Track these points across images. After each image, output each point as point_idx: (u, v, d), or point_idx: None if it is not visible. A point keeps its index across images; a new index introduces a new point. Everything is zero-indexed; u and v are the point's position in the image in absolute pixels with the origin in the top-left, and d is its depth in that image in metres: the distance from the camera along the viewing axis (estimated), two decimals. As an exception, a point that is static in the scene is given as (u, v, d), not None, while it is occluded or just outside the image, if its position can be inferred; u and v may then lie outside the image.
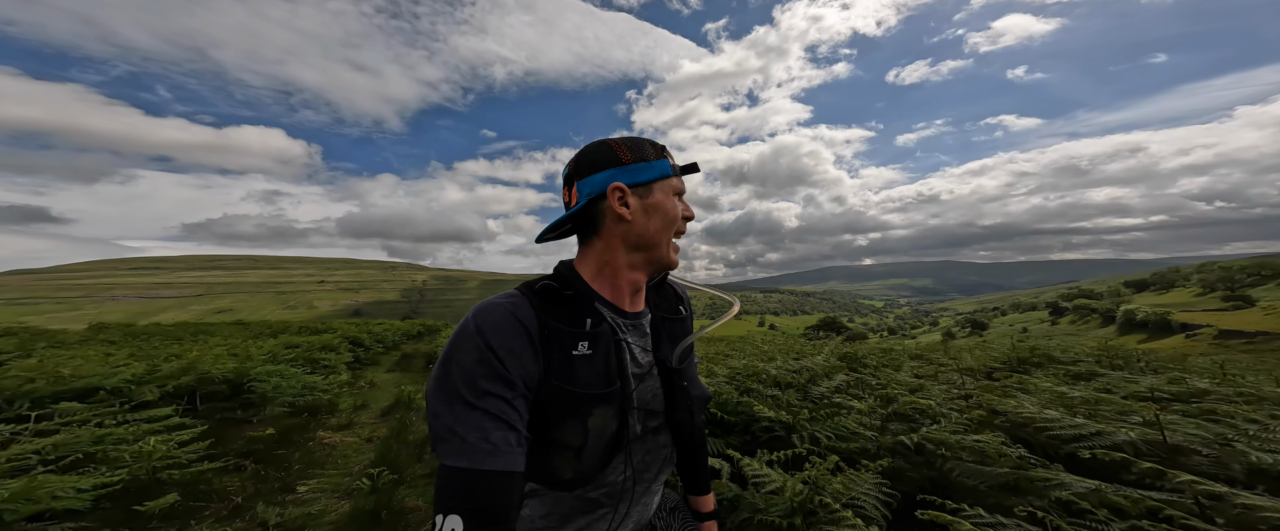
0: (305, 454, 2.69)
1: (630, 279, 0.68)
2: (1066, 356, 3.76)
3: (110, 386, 2.61)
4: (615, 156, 0.65)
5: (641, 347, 0.68)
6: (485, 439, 0.51)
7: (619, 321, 0.67)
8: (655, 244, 0.66)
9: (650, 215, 0.65)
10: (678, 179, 0.68)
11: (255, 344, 5.29)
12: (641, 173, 0.65)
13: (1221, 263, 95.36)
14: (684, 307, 0.79)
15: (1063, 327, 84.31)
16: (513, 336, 0.57)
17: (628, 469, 0.65)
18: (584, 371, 0.60)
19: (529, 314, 0.60)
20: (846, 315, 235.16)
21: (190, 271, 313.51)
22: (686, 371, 0.73)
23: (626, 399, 0.63)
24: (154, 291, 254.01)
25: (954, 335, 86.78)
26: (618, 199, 0.64)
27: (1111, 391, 2.12)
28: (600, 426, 0.60)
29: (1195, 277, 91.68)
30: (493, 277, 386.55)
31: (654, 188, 0.65)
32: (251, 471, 2.39)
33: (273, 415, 2.98)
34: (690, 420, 0.72)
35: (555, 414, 0.58)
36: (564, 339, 0.60)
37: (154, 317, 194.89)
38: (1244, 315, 59.62)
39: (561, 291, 0.64)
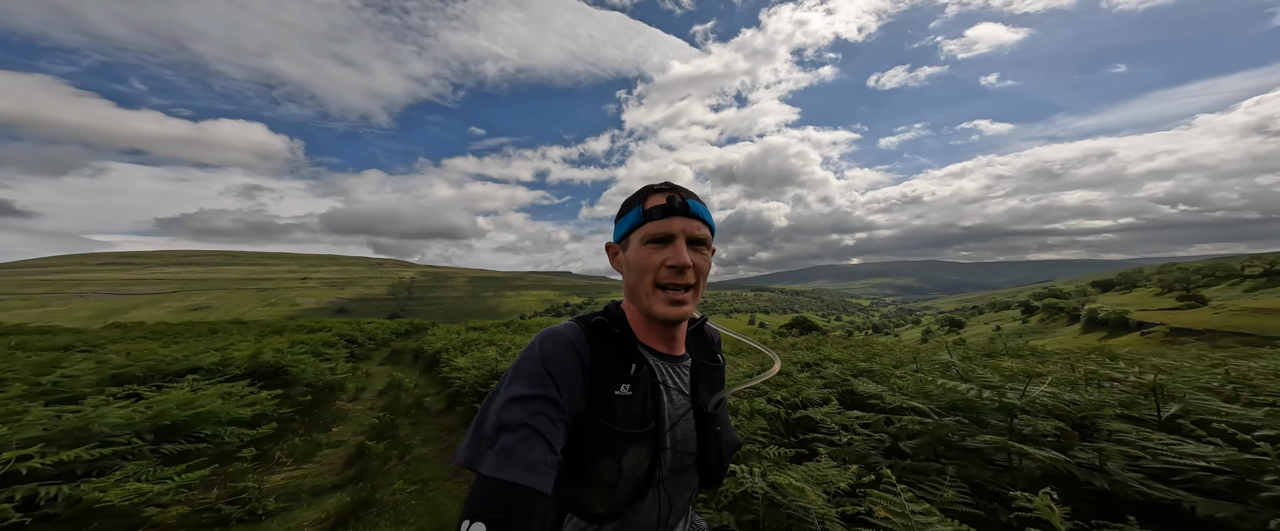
0: (332, 413, 3.92)
1: (652, 328, 0.70)
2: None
3: (205, 366, 3.71)
4: (615, 218, 0.71)
5: (679, 391, 0.71)
6: (525, 455, 0.53)
7: (660, 365, 0.70)
8: (635, 295, 0.68)
9: (629, 269, 0.68)
10: (653, 224, 0.65)
11: (268, 340, 6.32)
12: (620, 228, 0.69)
13: (1180, 264, 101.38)
14: (720, 356, 0.81)
15: (1032, 326, 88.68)
16: (569, 366, 0.62)
17: (666, 510, 0.68)
18: (623, 411, 0.63)
19: (584, 347, 0.64)
20: (835, 313, 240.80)
21: (164, 267, 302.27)
22: (720, 417, 0.75)
23: (660, 439, 0.66)
24: (125, 287, 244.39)
25: (933, 332, 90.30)
26: (612, 257, 0.72)
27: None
28: (633, 465, 0.63)
29: (1156, 278, 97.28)
30: (482, 275, 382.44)
31: (630, 239, 0.68)
32: (301, 421, 3.57)
33: (301, 391, 4.10)
34: (719, 463, 0.73)
35: (591, 448, 0.62)
36: (609, 378, 0.64)
37: (126, 315, 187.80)
38: (1195, 314, 63.88)
39: (611, 329, 0.68)
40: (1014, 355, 3.80)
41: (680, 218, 0.65)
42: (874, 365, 2.94)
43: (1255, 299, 66.82)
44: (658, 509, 0.67)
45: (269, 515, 1.95)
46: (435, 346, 7.06)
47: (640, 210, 0.66)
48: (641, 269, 0.65)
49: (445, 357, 5.47)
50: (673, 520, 0.70)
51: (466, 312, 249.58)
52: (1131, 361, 2.82)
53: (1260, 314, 54.30)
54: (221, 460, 2.33)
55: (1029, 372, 2.11)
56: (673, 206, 0.65)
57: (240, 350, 4.38)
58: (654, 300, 0.66)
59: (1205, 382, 1.90)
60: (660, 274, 0.65)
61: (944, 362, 2.83)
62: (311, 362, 4.62)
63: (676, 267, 0.64)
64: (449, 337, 8.18)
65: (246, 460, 2.33)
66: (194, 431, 2.39)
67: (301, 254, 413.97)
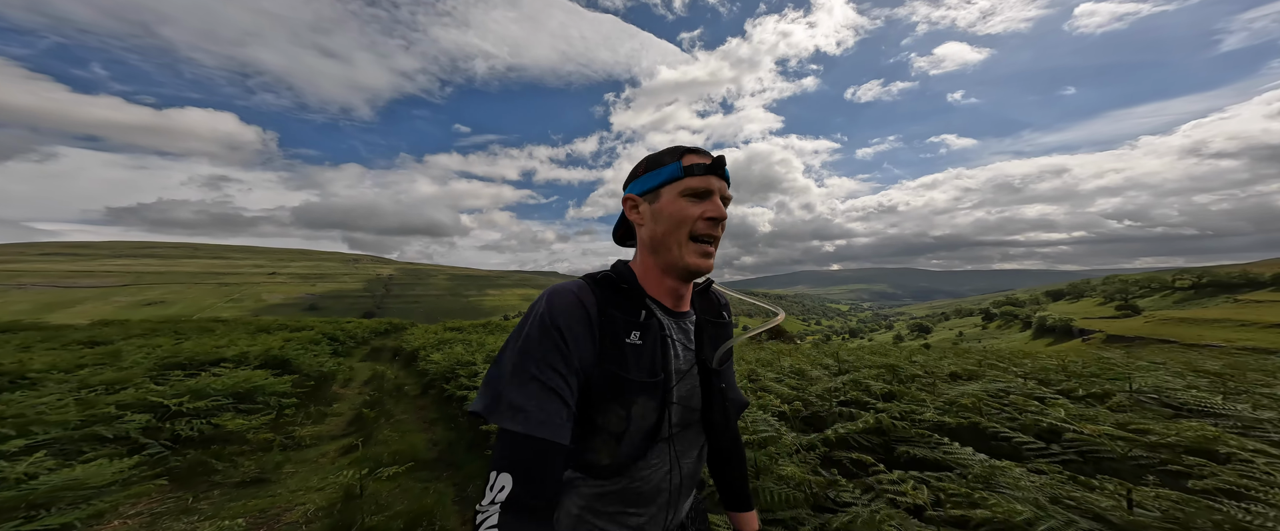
0: (330, 395, 4.92)
1: (663, 282, 0.72)
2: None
3: (230, 357, 4.62)
4: (636, 171, 0.72)
5: (685, 346, 0.73)
6: (541, 408, 0.56)
7: (666, 319, 0.72)
8: (665, 246, 0.69)
9: (657, 219, 0.69)
10: (695, 178, 0.67)
11: (261, 338, 7.06)
12: (650, 180, 0.69)
13: (1122, 276, 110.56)
14: (726, 314, 0.84)
15: (991, 332, 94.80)
16: (576, 319, 0.63)
17: (672, 465, 0.70)
18: (633, 359, 0.65)
19: (592, 300, 0.66)
20: (815, 317, 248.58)
21: (115, 259, 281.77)
22: (725, 374, 0.77)
23: (667, 392, 0.67)
24: (70, 280, 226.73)
25: (903, 337, 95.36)
26: (630, 207, 0.73)
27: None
28: (641, 415, 0.65)
29: (1100, 289, 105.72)
30: (464, 272, 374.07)
31: (661, 192, 0.68)
32: (309, 399, 4.53)
33: (304, 378, 4.99)
34: (724, 421, 0.75)
35: (601, 398, 0.63)
36: (619, 326, 0.66)
37: (70, 309, 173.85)
38: (1130, 322, 70.18)
39: (619, 284, 0.70)
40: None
41: (717, 177, 0.69)
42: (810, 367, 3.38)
43: (1182, 309, 73.97)
44: (666, 466, 0.69)
45: (307, 446, 3.24)
46: (414, 345, 7.90)
47: (680, 166, 0.67)
48: (678, 219, 0.67)
49: (423, 354, 6.37)
50: (680, 480, 0.72)
51: (447, 311, 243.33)
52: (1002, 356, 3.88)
53: (1184, 323, 60.19)
54: (273, 416, 3.59)
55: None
56: (715, 167, 0.68)
57: (250, 346, 5.23)
58: (687, 251, 0.68)
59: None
60: (698, 225, 0.67)
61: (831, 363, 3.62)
62: (310, 356, 5.48)
63: (713, 219, 0.67)
64: (427, 337, 9.01)
65: (287, 417, 3.43)
66: (255, 397, 3.41)
67: (270, 248, 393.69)
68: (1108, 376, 2.54)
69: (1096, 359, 3.32)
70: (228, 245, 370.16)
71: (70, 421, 2.43)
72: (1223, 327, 54.96)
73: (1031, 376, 2.74)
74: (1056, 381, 2.57)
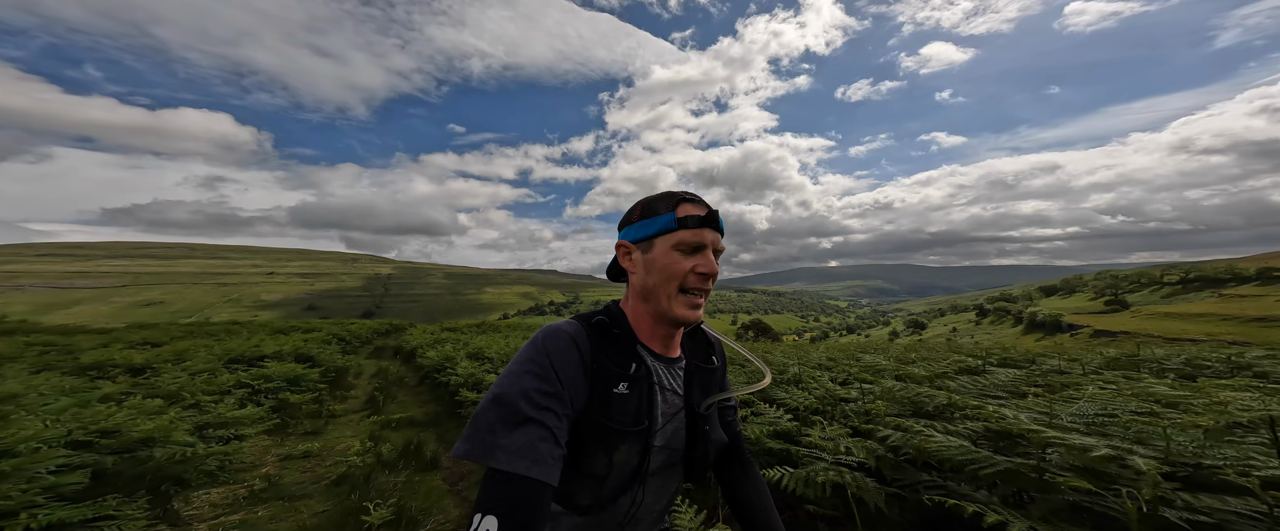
0: (348, 383, 5.96)
1: (655, 328, 0.72)
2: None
3: (269, 353, 5.73)
4: (630, 216, 0.73)
5: (674, 391, 0.74)
6: (533, 449, 0.55)
7: (656, 366, 0.72)
8: (655, 297, 0.69)
9: (649, 270, 0.69)
10: (688, 232, 0.67)
11: (278, 337, 8.33)
12: (643, 229, 0.70)
13: (1113, 271, 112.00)
14: (716, 358, 0.84)
15: (984, 328, 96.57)
16: (572, 363, 0.64)
17: (651, 502, 0.72)
18: (619, 409, 0.66)
19: (586, 345, 0.66)
20: (814, 314, 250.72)
21: (112, 259, 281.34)
22: (710, 417, 0.78)
23: (649, 438, 0.68)
24: (67, 280, 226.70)
25: (898, 334, 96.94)
26: (623, 254, 0.73)
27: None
28: (623, 461, 0.66)
29: (1092, 285, 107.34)
30: (462, 271, 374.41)
31: (655, 242, 0.69)
32: (332, 386, 5.63)
33: (325, 370, 6.27)
34: (705, 460, 0.76)
35: (587, 444, 0.64)
36: (609, 376, 0.66)
37: (68, 310, 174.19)
38: (1117, 317, 71.70)
39: (611, 329, 0.70)
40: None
41: (711, 230, 0.69)
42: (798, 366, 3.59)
43: (1170, 304, 75.52)
44: (643, 502, 0.71)
45: (339, 415, 4.35)
46: (412, 344, 9.12)
47: (674, 217, 0.67)
48: (670, 273, 0.67)
49: (420, 352, 7.62)
50: (657, 514, 0.75)
51: (446, 309, 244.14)
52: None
53: (1170, 318, 61.45)
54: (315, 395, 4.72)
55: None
56: (709, 220, 0.69)
57: (278, 346, 6.51)
58: (676, 303, 0.68)
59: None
60: (688, 279, 0.68)
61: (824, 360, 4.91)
62: (327, 353, 6.73)
63: (704, 274, 0.68)
64: (424, 337, 10.23)
65: (320, 397, 4.66)
66: (300, 383, 4.70)
67: (268, 247, 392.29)
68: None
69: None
70: (225, 245, 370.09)
71: (224, 384, 3.93)
72: (1206, 321, 56.30)
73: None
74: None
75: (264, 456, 3.03)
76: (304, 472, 2.79)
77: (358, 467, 2.63)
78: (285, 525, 2.12)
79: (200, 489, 2.38)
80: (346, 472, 2.66)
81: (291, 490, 2.52)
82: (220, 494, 2.39)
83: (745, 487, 0.81)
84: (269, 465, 2.87)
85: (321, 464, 2.94)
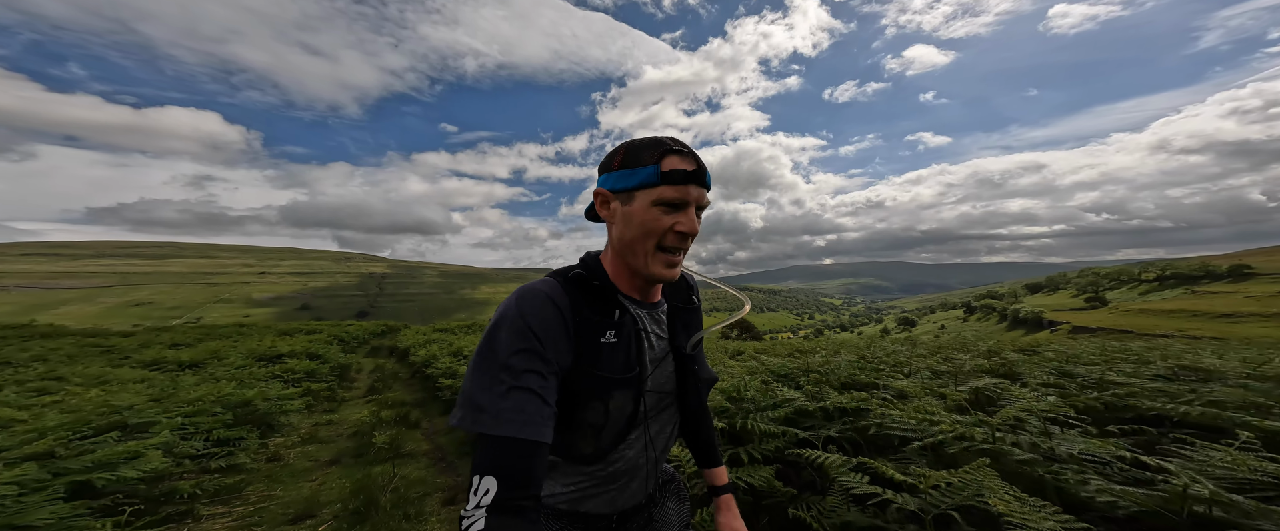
0: (350, 377, 7.30)
1: (633, 278, 0.72)
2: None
3: (283, 351, 7.01)
4: (610, 161, 0.68)
5: (658, 335, 0.75)
6: (521, 411, 0.56)
7: (640, 312, 0.73)
8: (632, 252, 0.67)
9: (627, 223, 0.66)
10: (671, 188, 0.64)
11: (285, 339, 9.55)
12: (625, 179, 0.66)
13: (1095, 269, 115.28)
14: (696, 297, 0.85)
15: (970, 324, 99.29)
16: (550, 321, 0.62)
17: (647, 445, 0.73)
18: (609, 357, 0.66)
19: (564, 301, 0.65)
20: (809, 312, 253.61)
21: (99, 259, 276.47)
22: (697, 356, 0.80)
23: (641, 383, 0.70)
24: (53, 280, 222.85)
25: (889, 330, 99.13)
26: (600, 203, 0.70)
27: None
28: (619, 407, 0.67)
29: (1074, 282, 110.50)
30: (457, 270, 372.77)
31: (635, 195, 0.65)
32: (339, 378, 6.93)
33: (331, 366, 7.54)
34: (698, 400, 0.79)
35: (581, 395, 0.65)
36: (594, 327, 0.66)
37: (54, 310, 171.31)
38: (1095, 314, 74.34)
39: (590, 281, 0.69)
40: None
41: (696, 186, 0.65)
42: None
43: (1146, 301, 78.42)
44: (643, 446, 0.73)
45: (347, 400, 5.56)
46: (405, 344, 10.35)
47: (657, 170, 0.63)
48: (648, 230, 0.65)
49: (412, 351, 8.87)
50: (655, 456, 0.76)
51: (441, 307, 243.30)
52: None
53: (1145, 314, 64.01)
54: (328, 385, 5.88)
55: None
56: (695, 176, 0.65)
57: (289, 347, 7.78)
58: (653, 261, 0.67)
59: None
60: (667, 238, 0.66)
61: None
62: (332, 351, 7.97)
63: (684, 234, 0.66)
64: (417, 337, 11.48)
65: (334, 385, 5.99)
66: (315, 375, 6.00)
67: (259, 247, 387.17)
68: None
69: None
70: (215, 244, 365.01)
71: (261, 375, 5.06)
72: (1178, 317, 58.87)
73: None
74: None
75: (302, 423, 4.36)
76: (330, 428, 4.21)
77: (366, 424, 4.01)
78: (329, 448, 3.58)
79: (273, 435, 3.82)
80: (358, 429, 4.02)
81: (325, 437, 3.94)
82: (284, 439, 3.79)
83: (698, 413, 0.84)
84: (306, 428, 4.20)
85: (341, 427, 4.29)
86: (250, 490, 2.72)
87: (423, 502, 2.53)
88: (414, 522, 2.26)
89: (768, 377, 2.97)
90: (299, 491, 2.74)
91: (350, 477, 2.82)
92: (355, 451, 3.48)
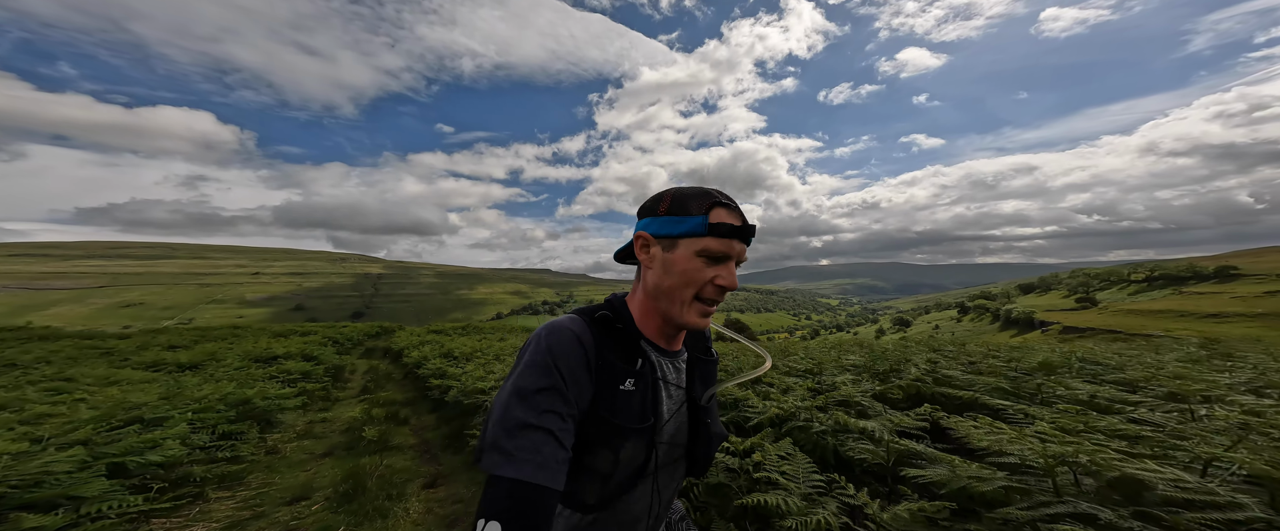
0: (345, 378, 7.54)
1: (662, 326, 0.71)
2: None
3: (280, 354, 7.26)
4: (656, 205, 0.68)
5: (676, 386, 0.73)
6: (537, 453, 0.54)
7: (660, 360, 0.71)
8: (669, 299, 0.66)
9: (667, 270, 0.66)
10: (717, 241, 0.63)
11: (280, 340, 9.79)
12: (670, 226, 0.65)
13: (1086, 269, 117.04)
14: (713, 351, 0.83)
15: (964, 325, 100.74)
16: (576, 362, 0.61)
17: (654, 497, 0.71)
18: (625, 406, 0.64)
19: (590, 342, 0.64)
20: (805, 312, 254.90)
21: (89, 260, 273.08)
22: (711, 409, 0.78)
23: (654, 434, 0.68)
24: (42, 281, 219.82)
25: (884, 331, 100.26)
26: (640, 246, 0.69)
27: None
28: (630, 457, 0.65)
29: (1066, 282, 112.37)
30: (454, 270, 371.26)
31: (679, 243, 0.65)
32: (334, 378, 7.22)
33: (326, 366, 7.80)
34: (707, 454, 0.76)
35: (592, 441, 0.62)
36: (615, 373, 0.64)
37: (44, 311, 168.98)
38: (1085, 314, 75.68)
39: (614, 324, 0.68)
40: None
41: (740, 241, 0.65)
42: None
43: (1135, 301, 79.85)
44: (648, 499, 0.70)
45: (341, 399, 5.81)
46: (399, 346, 10.62)
47: (704, 221, 0.63)
48: (688, 279, 0.65)
49: (405, 352, 9.14)
50: (660, 510, 0.74)
51: (437, 308, 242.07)
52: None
53: (1133, 314, 65.09)
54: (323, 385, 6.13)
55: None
56: (741, 231, 0.65)
57: (284, 348, 8.04)
58: (688, 310, 0.66)
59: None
60: (706, 289, 0.65)
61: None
62: (327, 353, 8.23)
63: (723, 287, 0.65)
64: (410, 339, 11.74)
65: (329, 385, 6.27)
66: (310, 376, 6.28)
67: (253, 247, 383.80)
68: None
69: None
70: (207, 245, 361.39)
71: (259, 376, 5.33)
72: (1164, 318, 59.94)
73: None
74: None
75: (298, 421, 4.65)
76: (324, 425, 4.49)
77: (357, 421, 4.31)
78: (322, 443, 3.87)
79: (272, 431, 4.11)
80: (350, 425, 4.31)
81: (319, 433, 4.22)
82: (281, 434, 4.08)
83: (704, 468, 0.81)
84: (301, 425, 4.49)
85: (334, 424, 4.58)
86: (251, 477, 3.05)
87: (405, 486, 2.85)
88: (396, 501, 2.61)
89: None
90: (295, 479, 3.06)
91: (341, 467, 3.13)
92: (347, 445, 3.77)
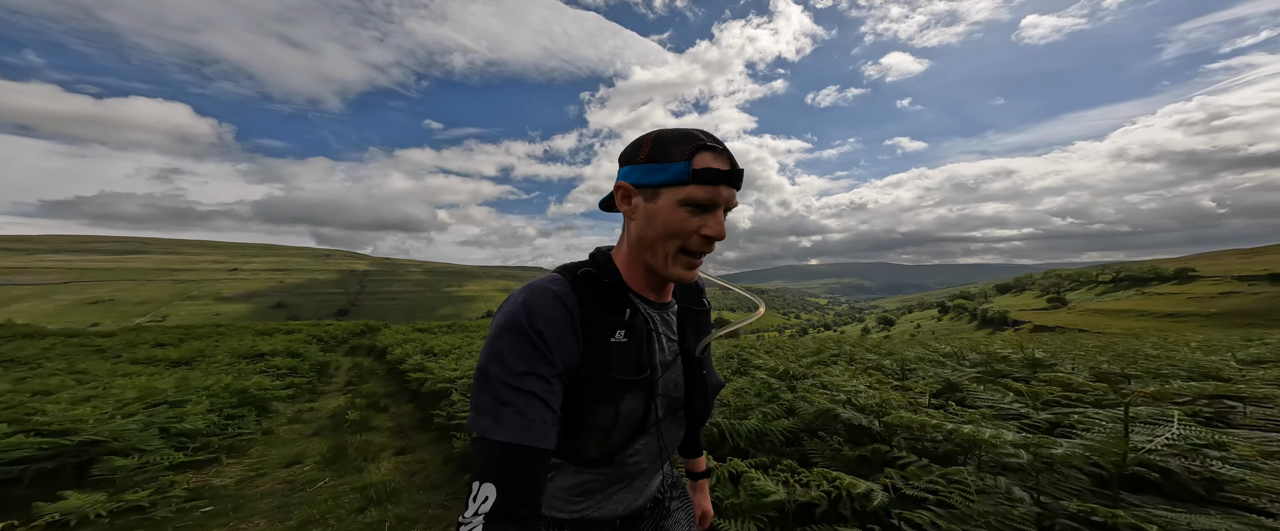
0: (330, 374, 8.08)
1: (648, 276, 0.68)
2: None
3: (264, 351, 7.70)
4: (635, 151, 0.63)
5: (669, 337, 0.71)
6: (523, 416, 0.53)
7: (650, 312, 0.69)
8: (652, 251, 0.64)
9: (650, 221, 0.62)
10: (702, 188, 0.59)
11: (266, 338, 10.19)
12: (651, 174, 0.61)
13: (1058, 270, 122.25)
14: (705, 300, 0.82)
15: (944, 324, 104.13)
16: (558, 321, 0.59)
17: (660, 449, 0.71)
18: (619, 358, 0.63)
19: (572, 300, 0.61)
20: (795, 311, 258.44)
21: (54, 254, 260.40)
22: (705, 360, 0.77)
23: (653, 386, 0.66)
24: (4, 276, 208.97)
25: (870, 330, 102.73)
26: (621, 197, 0.65)
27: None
28: (630, 410, 0.63)
29: (1040, 283, 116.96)
30: (443, 267, 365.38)
31: (661, 192, 0.61)
32: (319, 374, 7.72)
33: (312, 362, 8.27)
34: (705, 405, 0.75)
35: (589, 397, 0.61)
36: (604, 327, 0.62)
37: (6, 308, 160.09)
38: (1056, 313, 79.33)
39: (600, 279, 0.66)
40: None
41: (728, 187, 0.61)
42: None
43: (1101, 301, 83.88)
44: (654, 452, 0.71)
45: (326, 392, 6.41)
46: (383, 343, 11.06)
47: (688, 168, 0.59)
48: (672, 231, 0.61)
49: (390, 349, 9.62)
50: (662, 463, 0.75)
51: (426, 306, 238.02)
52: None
53: (1099, 314, 68.06)
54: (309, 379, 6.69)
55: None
56: (729, 176, 0.60)
57: (269, 346, 8.49)
58: (673, 263, 0.64)
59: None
60: (692, 240, 0.62)
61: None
62: (312, 350, 8.70)
63: (710, 238, 0.62)
64: (395, 337, 12.16)
65: (315, 380, 6.79)
66: (297, 371, 6.80)
67: (230, 242, 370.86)
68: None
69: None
70: (182, 240, 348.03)
71: (249, 371, 5.85)
72: (1127, 317, 63.37)
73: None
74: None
75: (288, 410, 5.24)
76: (312, 413, 5.13)
77: (342, 408, 4.97)
78: (311, 426, 4.53)
79: (266, 417, 4.72)
80: (335, 413, 4.96)
81: (307, 419, 4.87)
82: (274, 420, 4.70)
83: (703, 418, 0.81)
84: (291, 413, 5.10)
85: (320, 412, 5.21)
86: (253, 450, 3.78)
87: (379, 454, 3.57)
88: (371, 463, 3.36)
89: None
90: (289, 450, 3.78)
91: (327, 443, 3.84)
92: (332, 427, 4.43)
